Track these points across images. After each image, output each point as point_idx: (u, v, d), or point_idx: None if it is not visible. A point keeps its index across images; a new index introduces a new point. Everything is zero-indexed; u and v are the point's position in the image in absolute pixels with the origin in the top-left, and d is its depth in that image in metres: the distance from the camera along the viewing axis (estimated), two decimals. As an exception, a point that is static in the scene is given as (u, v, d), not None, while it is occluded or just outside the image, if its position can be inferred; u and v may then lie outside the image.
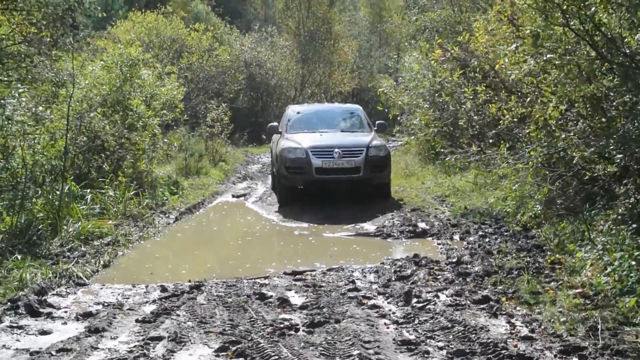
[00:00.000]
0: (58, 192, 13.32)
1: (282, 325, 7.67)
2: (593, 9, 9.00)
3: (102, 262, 11.35)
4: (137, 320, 8.07)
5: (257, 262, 11.70)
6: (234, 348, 6.96)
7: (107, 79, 18.00)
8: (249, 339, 7.29)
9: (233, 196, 20.37)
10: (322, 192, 17.54)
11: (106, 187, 15.95)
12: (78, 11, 17.48)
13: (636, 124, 8.54)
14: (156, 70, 22.19)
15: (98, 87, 17.73)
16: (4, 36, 15.06)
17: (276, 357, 6.58)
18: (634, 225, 9.20)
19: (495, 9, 13.22)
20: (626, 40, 9.05)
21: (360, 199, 17.45)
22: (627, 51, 8.85)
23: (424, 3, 25.18)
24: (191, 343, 7.26)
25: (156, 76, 21.50)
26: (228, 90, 37.36)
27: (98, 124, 16.49)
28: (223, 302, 8.93)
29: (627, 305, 7.57)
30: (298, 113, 20.04)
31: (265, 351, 6.78)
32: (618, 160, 9.48)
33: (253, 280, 10.15)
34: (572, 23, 9.00)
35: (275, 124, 20.11)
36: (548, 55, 10.00)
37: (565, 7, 8.84)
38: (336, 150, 16.68)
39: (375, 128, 19.03)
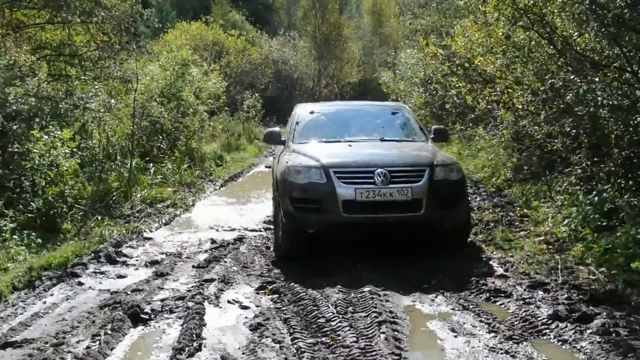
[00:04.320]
0: (128, 166, 13.44)
1: (308, 270, 7.73)
2: (551, 16, 8.97)
3: (164, 221, 11.46)
4: (193, 266, 8.17)
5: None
6: (270, 287, 7.05)
7: (163, 76, 18.08)
8: (282, 279, 7.37)
9: (266, 167, 20.33)
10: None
11: (165, 161, 16.12)
12: (140, 22, 17.45)
13: (587, 107, 8.52)
14: (202, 68, 22.27)
15: (156, 82, 17.81)
16: (82, 44, 15.14)
17: (304, 293, 6.65)
18: (585, 186, 9.21)
19: (471, 18, 13.16)
20: (577, 40, 9.02)
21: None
22: (578, 49, 8.81)
23: (416, 11, 24.97)
24: (236, 283, 7.35)
25: (202, 73, 21.58)
26: (259, 82, 37.40)
27: (157, 111, 16.61)
28: (260, 251, 9.03)
29: (580, 250, 7.60)
30: (312, 113, 10.34)
31: (295, 289, 6.86)
32: (573, 135, 9.47)
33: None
34: (534, 26, 8.96)
35: (276, 129, 10.62)
36: (515, 53, 10.00)
37: (529, 15, 8.81)
38: (379, 170, 7.83)
39: (432, 135, 9.86)
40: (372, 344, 5.22)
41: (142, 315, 6.15)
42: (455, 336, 5.54)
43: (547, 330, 5.57)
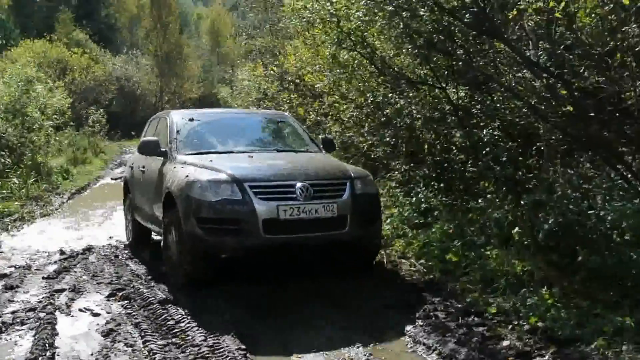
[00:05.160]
0: (-28, 182, 12.64)
1: (155, 274, 7.59)
2: (371, 39, 9.32)
3: (11, 235, 10.85)
4: (43, 278, 7.78)
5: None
6: (120, 293, 6.85)
7: (7, 93, 17.16)
8: (132, 285, 7.19)
9: (112, 179, 19.79)
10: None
11: (11, 176, 15.27)
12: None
13: (403, 119, 8.91)
14: (47, 85, 21.33)
15: (0, 98, 16.86)
16: None
17: (152, 297, 6.52)
18: (404, 189, 9.62)
19: (301, 39, 13.39)
20: (394, 60, 9.42)
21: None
22: (395, 69, 9.20)
23: (250, 32, 25.08)
24: (87, 292, 7.08)
25: (48, 89, 20.67)
26: (104, 98, 36.21)
27: (2, 128, 15.75)
28: (109, 259, 8.75)
29: (402, 245, 7.95)
30: (192, 120, 8.34)
31: (144, 294, 6.71)
32: (392, 144, 9.86)
33: (132, 242, 9.81)
34: (357, 47, 9.26)
35: (154, 138, 8.24)
36: (340, 71, 10.27)
37: (352, 37, 9.11)
38: (300, 185, 6.56)
39: (322, 146, 8.54)
40: (220, 341, 5.21)
41: (-8, 329, 5.80)
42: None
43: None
